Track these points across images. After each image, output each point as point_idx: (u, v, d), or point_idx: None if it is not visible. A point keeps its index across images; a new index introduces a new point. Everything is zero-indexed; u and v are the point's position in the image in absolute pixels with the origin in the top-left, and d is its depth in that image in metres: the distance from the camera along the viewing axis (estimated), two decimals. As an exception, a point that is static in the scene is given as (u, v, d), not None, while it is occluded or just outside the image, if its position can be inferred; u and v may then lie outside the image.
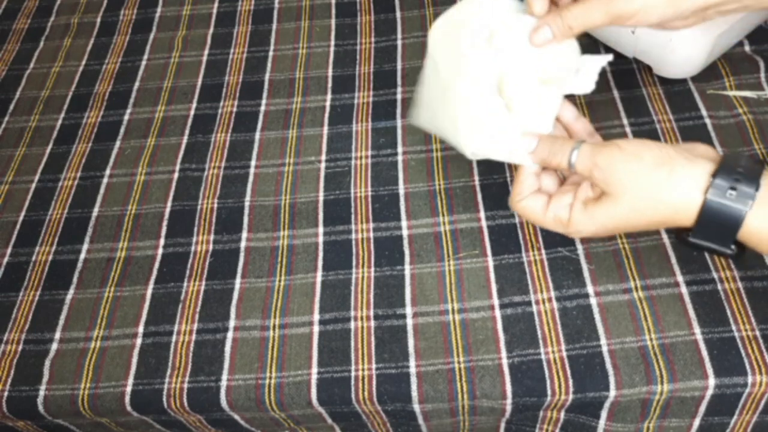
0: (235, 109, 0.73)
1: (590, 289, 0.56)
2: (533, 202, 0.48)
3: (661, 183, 0.42)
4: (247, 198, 0.65)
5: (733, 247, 0.43)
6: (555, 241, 0.59)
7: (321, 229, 0.62)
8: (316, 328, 0.57)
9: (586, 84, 0.48)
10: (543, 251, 0.58)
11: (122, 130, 0.73)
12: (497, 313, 0.56)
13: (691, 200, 0.42)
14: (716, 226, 0.41)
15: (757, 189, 0.40)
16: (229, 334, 0.57)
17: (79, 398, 0.55)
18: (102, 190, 0.68)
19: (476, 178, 0.64)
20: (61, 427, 0.59)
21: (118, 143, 0.72)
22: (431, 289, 0.57)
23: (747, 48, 0.69)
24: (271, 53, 0.78)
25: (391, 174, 0.65)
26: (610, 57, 0.48)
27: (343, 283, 0.59)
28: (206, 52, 0.79)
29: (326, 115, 0.71)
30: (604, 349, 0.53)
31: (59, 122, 0.75)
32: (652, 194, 0.42)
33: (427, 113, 0.55)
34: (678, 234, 0.45)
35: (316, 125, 0.70)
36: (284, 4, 0.83)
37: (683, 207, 0.42)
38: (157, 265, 0.62)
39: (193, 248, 0.63)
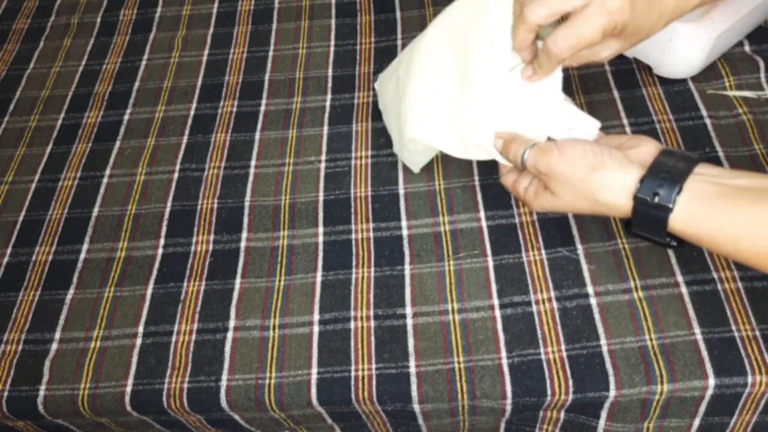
0: (235, 109, 0.73)
1: (590, 289, 0.56)
2: (507, 178, 0.55)
3: (595, 187, 0.47)
4: (247, 198, 0.65)
5: (668, 240, 0.46)
6: (555, 241, 0.59)
7: (321, 229, 0.62)
8: (316, 328, 0.57)
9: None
10: (543, 251, 0.58)
11: (122, 130, 0.73)
12: (497, 313, 0.56)
13: (622, 203, 0.46)
14: (648, 226, 0.46)
15: (679, 192, 0.44)
16: (229, 334, 0.57)
17: (79, 398, 0.55)
18: (102, 190, 0.68)
19: (476, 178, 0.64)
20: (61, 427, 0.59)
21: (118, 143, 0.72)
22: (431, 289, 0.57)
23: (747, 48, 0.69)
24: (271, 53, 0.78)
25: (391, 174, 0.65)
26: (599, 124, 0.53)
27: (343, 283, 0.59)
28: (206, 52, 0.79)
29: (326, 115, 0.71)
30: (604, 349, 0.53)
31: (59, 122, 0.75)
32: (587, 196, 0.47)
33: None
34: (624, 225, 0.49)
35: (316, 125, 0.70)
36: (284, 4, 0.83)
37: (617, 207, 0.47)
38: (157, 265, 0.62)
39: (193, 248, 0.63)
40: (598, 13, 0.45)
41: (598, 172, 0.46)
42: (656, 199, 0.44)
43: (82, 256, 0.63)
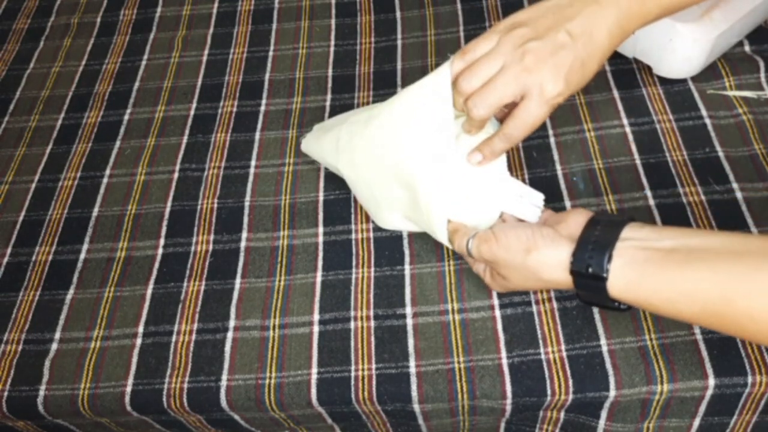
0: (235, 109, 0.73)
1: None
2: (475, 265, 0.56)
3: (534, 267, 0.48)
4: (247, 198, 0.65)
5: (617, 304, 0.46)
6: (555, 241, 0.59)
7: (321, 229, 0.62)
8: (316, 328, 0.57)
9: (532, 215, 0.53)
10: (543, 251, 0.58)
11: (122, 130, 0.73)
12: (497, 313, 0.56)
13: (561, 278, 0.47)
14: (591, 294, 0.46)
15: (609, 260, 0.44)
16: (229, 334, 0.57)
17: (79, 398, 0.55)
18: (102, 190, 0.68)
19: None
20: (61, 427, 0.59)
21: (118, 143, 0.72)
22: (431, 289, 0.57)
23: (747, 48, 0.69)
24: (271, 53, 0.78)
25: (391, 174, 0.65)
26: (542, 195, 0.54)
27: (343, 283, 0.59)
28: (206, 52, 0.79)
29: (326, 115, 0.71)
30: (604, 349, 0.53)
31: (59, 122, 0.75)
32: (530, 277, 0.49)
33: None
34: (577, 294, 0.49)
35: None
36: (284, 4, 0.83)
37: (560, 282, 0.47)
38: (157, 265, 0.62)
39: (193, 248, 0.63)
40: (540, 106, 0.49)
41: (533, 254, 0.47)
42: (590, 270, 0.44)
43: (82, 256, 0.63)
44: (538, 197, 0.54)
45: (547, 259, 0.47)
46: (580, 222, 0.48)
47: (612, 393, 0.51)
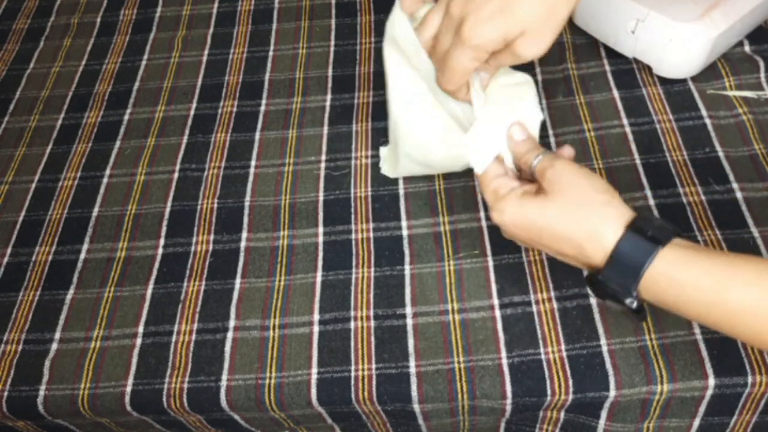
0: (235, 109, 0.73)
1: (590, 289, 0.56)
2: (494, 167, 0.52)
3: (595, 206, 0.45)
4: (247, 198, 0.65)
5: (634, 294, 0.44)
6: (555, 241, 0.59)
7: (321, 229, 0.62)
8: (316, 328, 0.57)
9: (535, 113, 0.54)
10: (543, 251, 0.58)
11: (122, 130, 0.73)
12: (497, 313, 0.56)
13: (611, 231, 0.44)
14: (628, 263, 0.43)
15: (669, 238, 0.43)
16: (229, 334, 0.57)
17: (79, 398, 0.55)
18: (102, 190, 0.68)
19: (476, 178, 0.64)
20: (61, 427, 0.59)
21: (118, 143, 0.72)
22: (431, 289, 0.57)
23: (747, 48, 0.69)
24: (271, 53, 0.78)
25: (391, 174, 0.65)
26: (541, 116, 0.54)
27: (343, 283, 0.59)
28: (206, 52, 0.79)
29: (326, 115, 0.71)
30: (604, 349, 0.53)
31: (59, 122, 0.75)
32: (582, 211, 0.45)
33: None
34: (588, 278, 0.47)
35: (316, 125, 0.70)
36: (284, 4, 0.83)
37: (602, 234, 0.44)
38: (157, 265, 0.62)
39: (193, 248, 0.63)
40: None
41: (606, 195, 0.45)
42: (648, 234, 0.43)
43: (82, 256, 0.63)
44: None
45: (612, 209, 0.45)
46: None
47: (612, 393, 0.51)
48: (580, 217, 0.45)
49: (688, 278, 0.42)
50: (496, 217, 0.49)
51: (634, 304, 0.44)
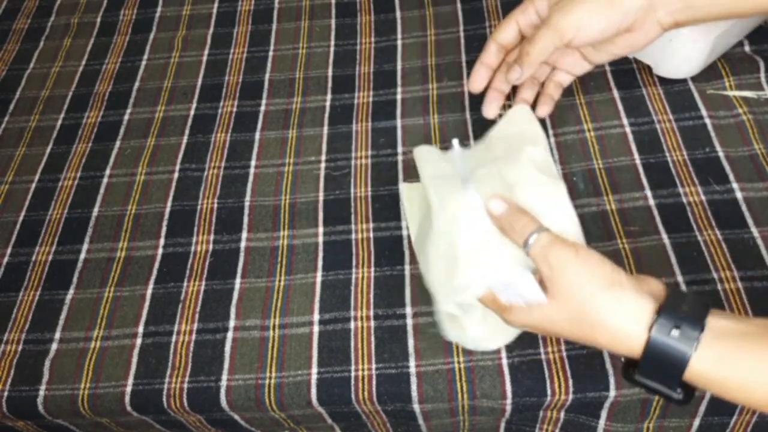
0: (235, 109, 0.73)
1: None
2: None
3: (606, 306, 0.41)
4: (247, 198, 0.65)
5: (679, 390, 0.41)
6: (555, 241, 0.59)
7: (321, 229, 0.62)
8: (316, 328, 0.57)
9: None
10: (543, 251, 0.58)
11: (122, 130, 0.73)
12: (497, 313, 0.56)
13: (633, 333, 0.40)
14: (661, 366, 0.40)
15: (701, 331, 0.39)
16: (229, 334, 0.57)
17: (79, 398, 0.55)
18: (102, 190, 0.68)
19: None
20: (61, 427, 0.59)
21: (118, 143, 0.72)
22: (431, 289, 0.57)
23: (747, 48, 0.69)
24: (271, 53, 0.78)
25: (391, 174, 0.65)
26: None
27: (343, 283, 0.59)
28: (206, 52, 0.79)
29: (326, 115, 0.71)
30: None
31: (59, 122, 0.75)
32: (594, 314, 0.41)
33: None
34: (624, 371, 0.44)
35: (316, 125, 0.70)
36: (284, 4, 0.83)
37: (623, 337, 0.41)
38: (157, 265, 0.62)
39: (193, 248, 0.63)
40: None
41: (615, 290, 0.41)
42: (677, 333, 0.39)
43: (82, 256, 0.63)
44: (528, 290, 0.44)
45: (627, 304, 0.40)
46: (661, 287, 0.43)
47: (612, 393, 0.51)
48: (593, 325, 0.41)
49: (731, 378, 0.38)
50: (511, 323, 0.46)
51: (681, 396, 0.41)
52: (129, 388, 0.55)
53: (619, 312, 0.41)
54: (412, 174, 0.65)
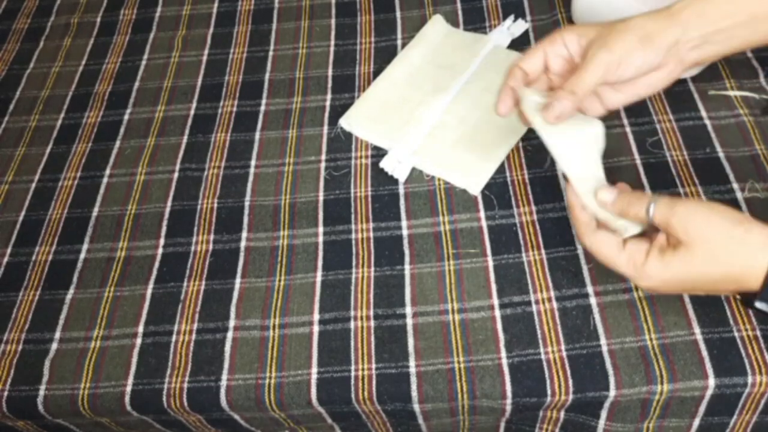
0: (235, 109, 0.73)
1: (590, 289, 0.56)
2: (607, 238, 0.49)
3: (739, 239, 0.44)
4: (247, 198, 0.65)
5: None
6: (554, 241, 0.59)
7: (321, 229, 0.62)
8: (316, 328, 0.57)
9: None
10: (542, 251, 0.58)
11: (122, 130, 0.73)
12: (497, 313, 0.56)
13: (764, 260, 0.43)
14: None
15: None
16: (229, 334, 0.57)
17: (79, 398, 0.55)
18: (102, 190, 0.68)
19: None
20: (61, 427, 0.59)
21: (118, 143, 0.72)
22: (431, 289, 0.57)
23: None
24: (271, 53, 0.78)
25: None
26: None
27: (343, 283, 0.59)
28: (206, 52, 0.79)
29: (326, 115, 0.71)
30: (604, 349, 0.53)
31: (59, 122, 0.75)
32: (729, 248, 0.44)
33: None
34: (744, 298, 0.46)
35: (316, 125, 0.70)
36: (284, 4, 0.83)
37: (755, 266, 0.43)
38: (157, 265, 0.62)
39: (193, 248, 0.63)
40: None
41: (743, 225, 0.44)
42: None
43: (82, 256, 0.63)
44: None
45: (755, 237, 0.43)
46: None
47: (612, 393, 0.51)
48: (729, 257, 0.44)
49: None
50: (645, 284, 0.48)
51: None
52: (129, 388, 0.55)
53: (750, 243, 0.44)
54: (413, 175, 0.65)
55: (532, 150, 0.65)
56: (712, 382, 0.50)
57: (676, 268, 0.46)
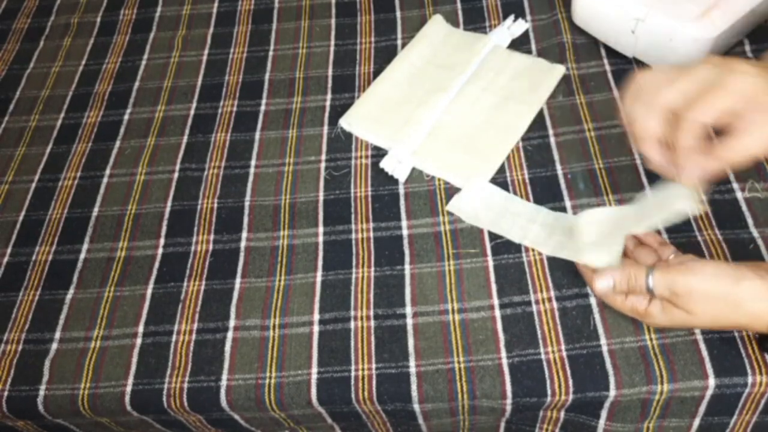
0: (235, 109, 0.73)
1: (590, 289, 0.56)
2: (613, 298, 0.52)
3: (742, 297, 0.46)
4: (247, 198, 0.65)
5: None
6: (555, 241, 0.59)
7: (321, 229, 0.62)
8: (316, 328, 0.57)
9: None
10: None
11: (122, 130, 0.73)
12: (497, 313, 0.56)
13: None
14: None
15: None
16: (229, 334, 0.57)
17: (79, 398, 0.55)
18: (102, 190, 0.68)
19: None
20: (61, 427, 0.59)
21: (118, 143, 0.72)
22: (431, 289, 0.57)
23: (747, 48, 0.69)
24: (271, 53, 0.78)
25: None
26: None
27: (343, 283, 0.59)
28: (206, 51, 0.79)
29: (326, 115, 0.71)
30: (604, 349, 0.53)
31: (59, 122, 0.75)
32: (732, 309, 0.47)
33: None
34: (760, 342, 0.50)
35: (316, 125, 0.70)
36: (284, 4, 0.83)
37: (761, 314, 0.46)
38: (157, 265, 0.62)
39: (193, 248, 0.63)
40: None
41: (746, 281, 0.46)
42: None
43: (82, 256, 0.63)
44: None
45: (759, 290, 0.46)
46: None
47: (612, 393, 0.51)
48: (734, 317, 0.47)
49: None
50: (650, 323, 0.52)
51: None
52: (129, 388, 0.55)
53: (754, 298, 0.46)
54: (413, 175, 0.65)
55: (532, 150, 0.65)
56: (712, 382, 0.50)
57: (679, 321, 0.49)
